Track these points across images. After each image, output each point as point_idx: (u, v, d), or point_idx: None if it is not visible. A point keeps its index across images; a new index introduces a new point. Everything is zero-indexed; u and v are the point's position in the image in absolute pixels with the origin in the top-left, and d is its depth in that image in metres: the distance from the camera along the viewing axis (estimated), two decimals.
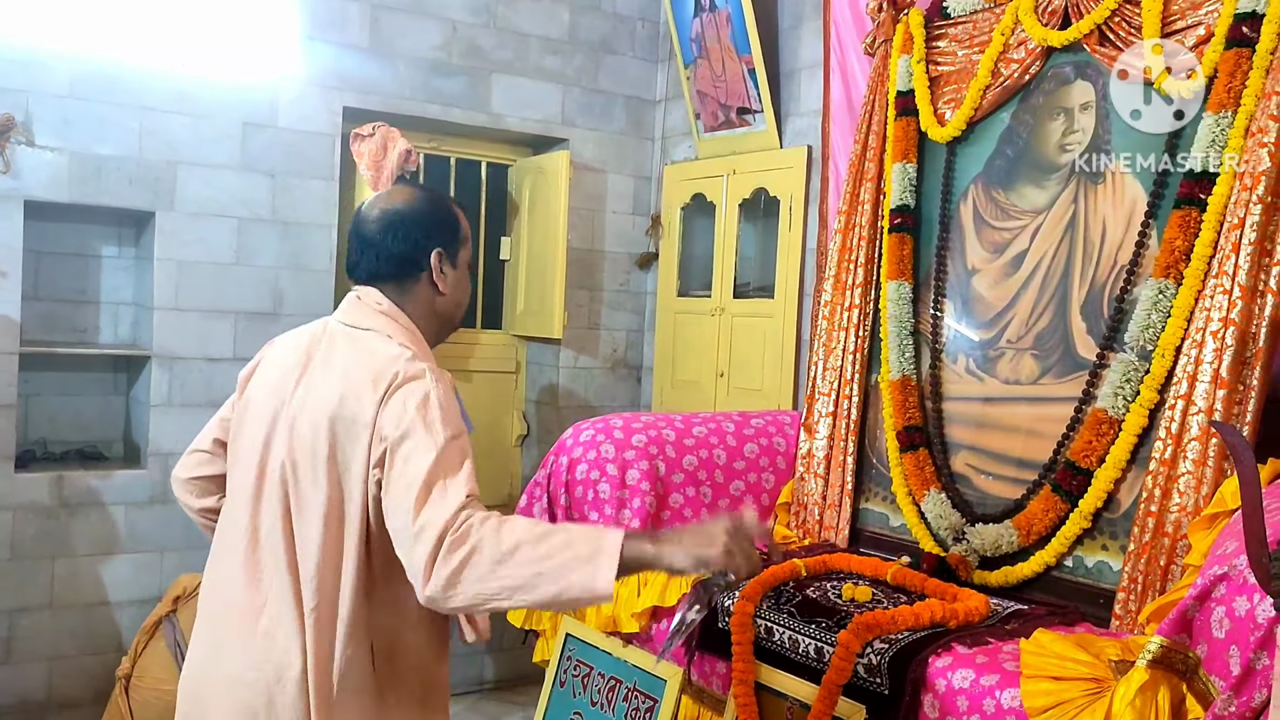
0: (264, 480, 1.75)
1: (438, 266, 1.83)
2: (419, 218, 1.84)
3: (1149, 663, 1.85)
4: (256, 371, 1.89)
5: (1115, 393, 2.59)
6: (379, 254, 1.82)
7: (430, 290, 1.84)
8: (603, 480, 3.18)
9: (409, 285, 1.83)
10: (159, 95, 3.72)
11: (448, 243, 1.85)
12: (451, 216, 1.88)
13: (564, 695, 3.14)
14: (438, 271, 1.83)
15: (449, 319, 1.90)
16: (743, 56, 4.09)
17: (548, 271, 4.51)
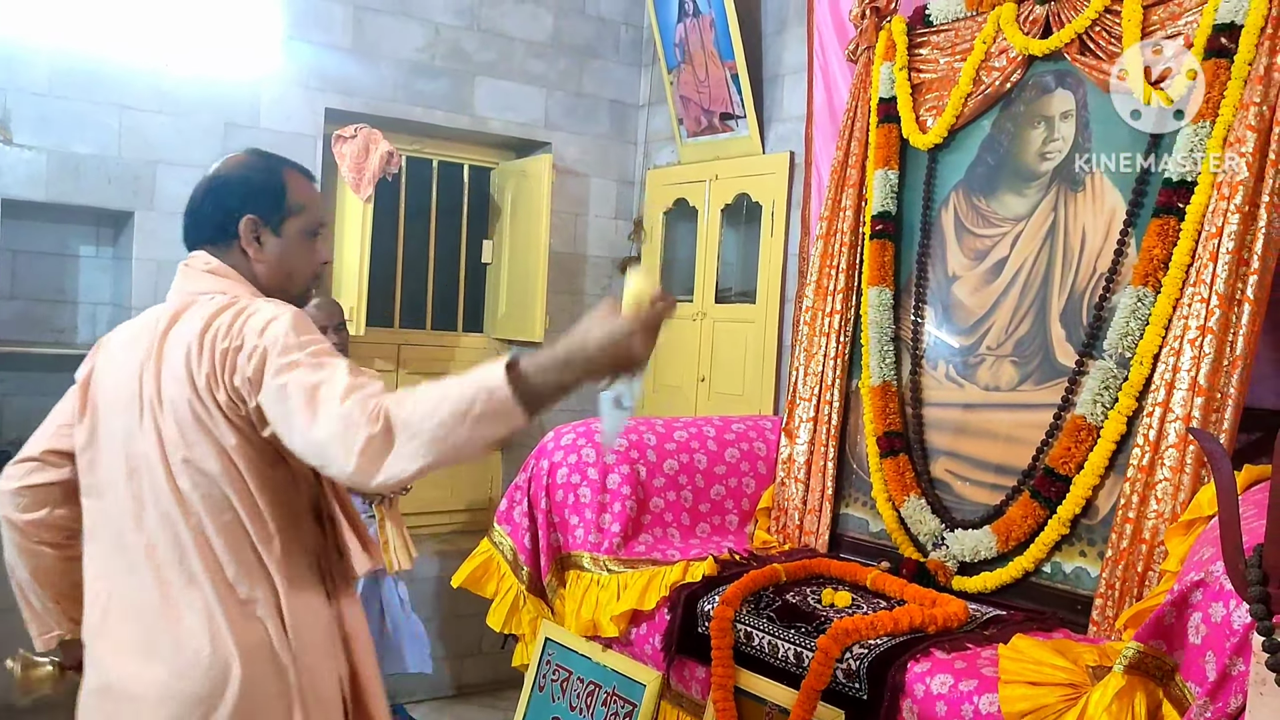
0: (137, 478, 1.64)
1: (248, 234, 1.74)
2: (234, 182, 1.78)
3: (1125, 668, 1.86)
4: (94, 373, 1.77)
5: (1094, 400, 2.60)
6: (194, 219, 1.77)
7: (244, 259, 1.75)
8: (583, 484, 3.17)
9: (225, 253, 1.75)
10: (139, 94, 3.69)
11: (266, 210, 1.76)
12: (274, 182, 1.79)
13: (543, 700, 3.13)
14: (248, 239, 1.74)
15: (281, 290, 1.78)
16: (726, 62, 4.10)
17: (529, 275, 4.51)
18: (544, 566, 3.20)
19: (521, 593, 3.22)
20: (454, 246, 4.72)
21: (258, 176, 1.79)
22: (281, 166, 1.83)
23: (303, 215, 1.80)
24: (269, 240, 1.77)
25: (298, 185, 1.82)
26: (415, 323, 4.64)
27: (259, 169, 1.81)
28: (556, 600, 3.20)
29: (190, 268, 1.75)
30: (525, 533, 3.22)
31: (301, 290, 1.84)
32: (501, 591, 3.26)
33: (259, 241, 1.76)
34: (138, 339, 1.69)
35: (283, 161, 1.85)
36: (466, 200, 4.72)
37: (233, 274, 1.74)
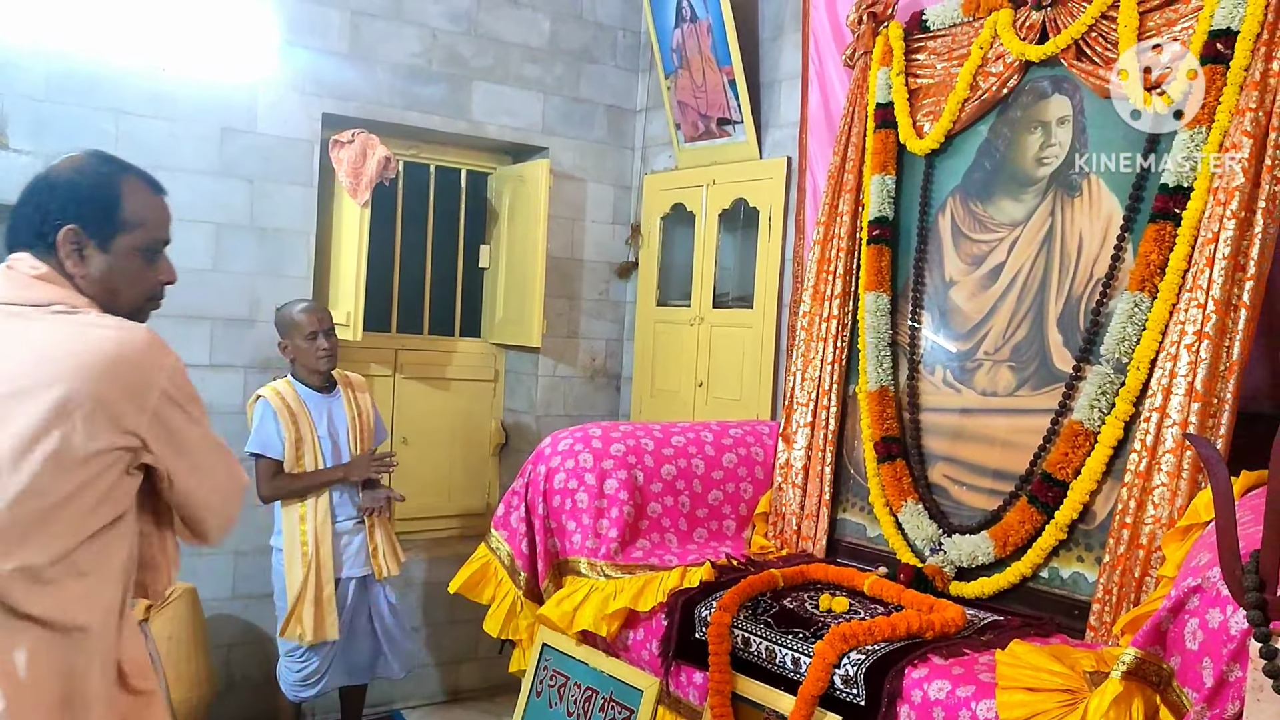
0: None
1: (66, 245, 1.57)
2: (61, 187, 1.60)
3: (1123, 674, 1.86)
4: None
5: (1091, 405, 2.60)
6: (13, 219, 1.61)
7: (61, 273, 1.59)
8: (581, 489, 3.17)
9: (44, 259, 1.59)
10: (136, 98, 3.69)
11: (92, 222, 1.59)
12: (109, 194, 1.62)
13: (540, 705, 3.12)
14: (67, 250, 1.58)
15: (105, 306, 1.61)
16: (723, 67, 4.10)
17: (527, 280, 4.51)
18: (541, 572, 3.20)
19: (518, 598, 3.21)
20: (451, 251, 4.72)
21: (88, 182, 1.62)
22: (120, 174, 1.66)
23: (138, 232, 1.64)
24: (93, 255, 1.60)
25: (137, 197, 1.65)
26: (412, 327, 4.64)
27: (92, 174, 1.64)
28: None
29: (14, 270, 1.58)
30: (523, 538, 3.22)
31: (129, 312, 1.65)
32: (499, 597, 3.25)
33: (80, 255, 1.59)
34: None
35: (124, 168, 1.68)
36: (464, 205, 4.72)
37: (65, 283, 1.58)
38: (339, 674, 3.53)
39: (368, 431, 3.59)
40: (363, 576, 3.52)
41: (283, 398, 3.41)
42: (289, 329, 3.46)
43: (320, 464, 3.43)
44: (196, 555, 3.83)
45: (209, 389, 3.83)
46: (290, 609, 3.36)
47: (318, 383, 3.49)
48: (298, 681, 3.46)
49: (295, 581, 3.36)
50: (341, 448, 3.49)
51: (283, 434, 3.37)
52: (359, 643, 3.56)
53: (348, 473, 3.45)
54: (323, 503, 3.41)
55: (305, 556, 3.37)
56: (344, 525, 3.47)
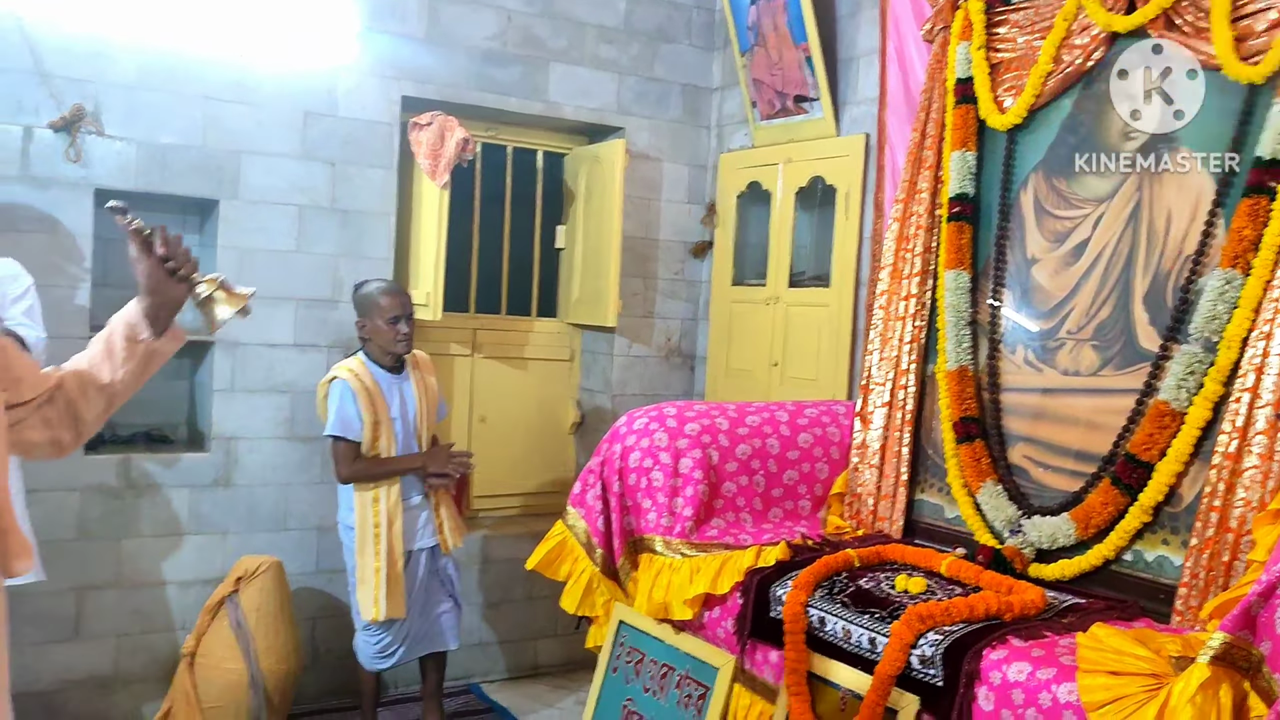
0: None
1: None
2: None
3: (1210, 659, 1.82)
4: None
5: (1179, 385, 2.54)
6: None
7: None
8: (656, 468, 3.19)
9: None
10: (221, 85, 3.78)
11: None
12: None
13: (616, 682, 3.16)
14: None
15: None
16: (799, 44, 4.06)
17: (602, 260, 4.53)
18: (617, 549, 3.23)
19: (595, 575, 3.25)
20: (528, 232, 4.76)
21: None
22: None
23: None
24: None
25: None
26: (490, 307, 4.70)
27: None
28: (629, 583, 3.22)
29: None
30: (599, 515, 3.25)
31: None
32: (575, 574, 3.29)
33: None
34: None
35: None
36: (540, 186, 4.76)
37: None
38: (417, 645, 3.60)
39: (432, 411, 3.66)
40: (433, 547, 3.59)
41: (360, 379, 3.46)
42: (369, 309, 3.51)
43: (393, 445, 3.49)
44: (283, 531, 3.95)
45: (292, 369, 3.93)
46: (362, 587, 3.44)
47: (390, 363, 3.55)
48: (375, 654, 3.55)
49: (367, 561, 3.43)
50: (410, 428, 3.56)
51: (362, 415, 3.43)
52: (434, 610, 3.63)
53: (426, 463, 3.50)
54: (395, 485, 3.47)
55: (377, 537, 3.43)
56: (415, 501, 3.54)
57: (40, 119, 3.51)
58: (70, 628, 3.67)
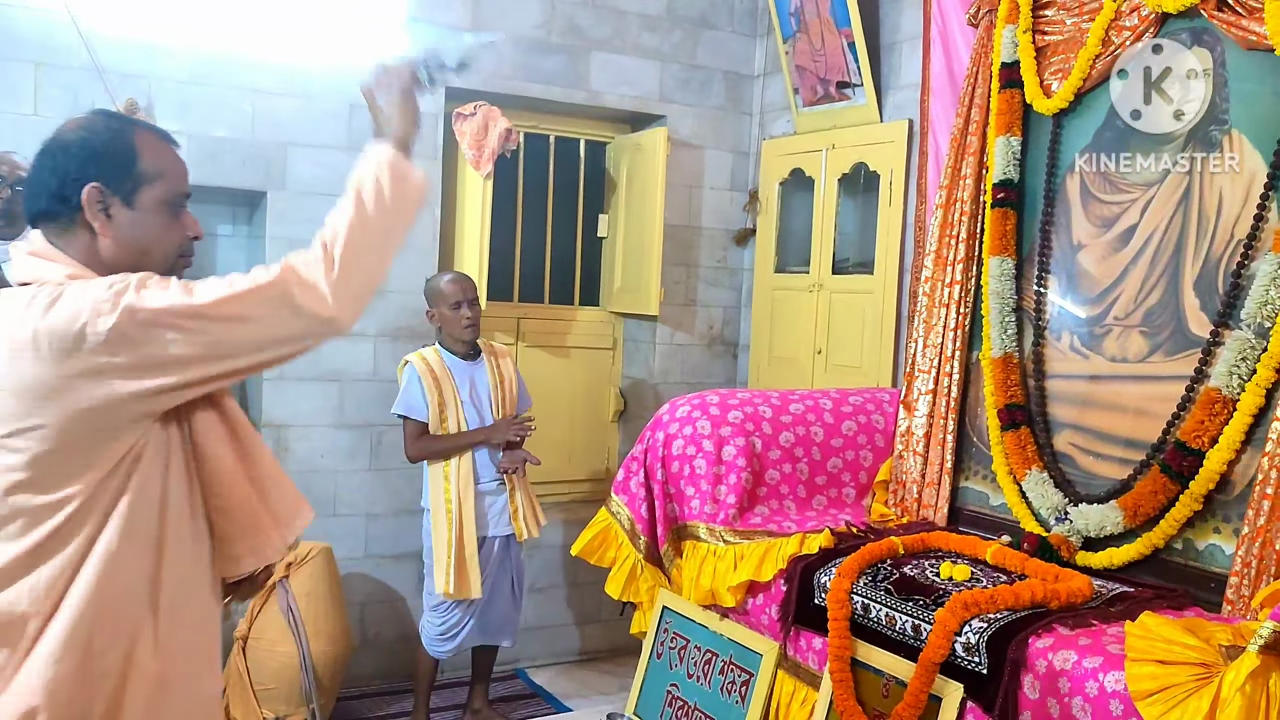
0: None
1: (91, 202, 1.51)
2: (73, 146, 1.54)
3: (1261, 648, 1.80)
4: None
5: (1230, 371, 2.50)
6: (31, 189, 1.56)
7: (88, 233, 1.54)
8: (699, 456, 3.20)
9: (66, 226, 1.54)
10: (270, 78, 3.84)
11: (112, 177, 1.53)
12: (122, 146, 1.56)
13: (661, 667, 3.18)
14: (92, 209, 1.52)
15: (134, 267, 1.53)
16: (842, 30, 4.04)
17: (645, 248, 4.54)
18: (661, 536, 3.25)
19: (639, 562, 3.27)
20: (571, 221, 4.78)
21: (101, 138, 1.56)
22: (131, 127, 1.62)
23: (159, 184, 1.59)
24: (119, 212, 1.55)
25: (153, 149, 1.60)
26: (534, 296, 4.73)
27: (103, 129, 1.58)
28: (673, 569, 3.24)
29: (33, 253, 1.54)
30: (642, 503, 3.27)
31: (163, 270, 1.58)
32: (619, 560, 3.32)
33: (106, 213, 1.54)
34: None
35: (133, 122, 1.65)
36: (583, 175, 4.77)
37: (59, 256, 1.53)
38: (475, 633, 3.65)
39: (510, 397, 3.70)
40: (506, 536, 3.64)
41: (428, 364, 3.56)
42: (435, 298, 3.61)
43: (463, 427, 3.56)
44: (332, 517, 4.01)
45: (340, 358, 3.99)
46: (436, 564, 3.51)
47: (462, 350, 3.63)
48: (438, 636, 3.60)
49: (441, 539, 3.50)
50: (485, 413, 3.62)
51: (427, 398, 3.52)
52: (499, 603, 3.68)
53: (489, 435, 3.57)
54: (465, 464, 3.54)
55: (450, 515, 3.50)
56: (487, 486, 3.60)
57: None
58: None
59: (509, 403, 3.69)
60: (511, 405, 3.70)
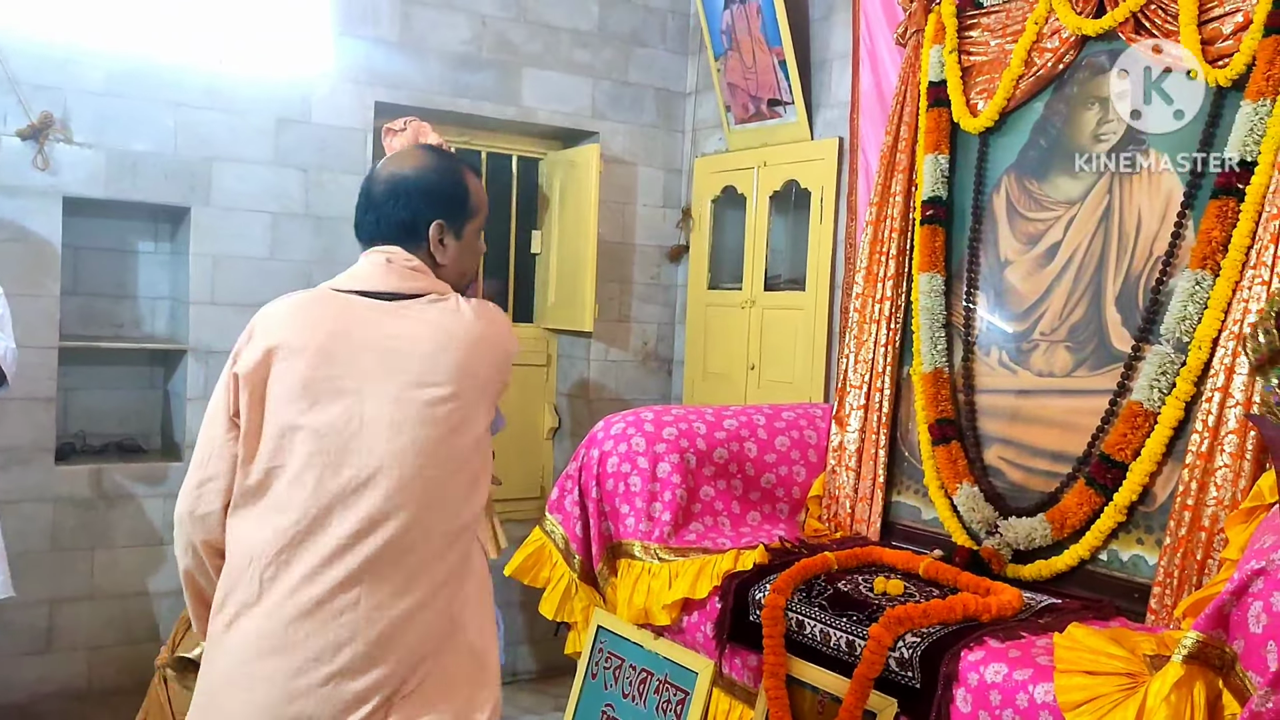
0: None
1: (436, 237, 1.82)
2: (422, 186, 1.83)
3: (1185, 658, 1.84)
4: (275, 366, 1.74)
5: (1151, 385, 2.56)
6: (380, 218, 1.83)
7: (429, 260, 1.83)
8: (634, 473, 3.19)
9: (413, 251, 1.83)
10: (193, 92, 3.75)
11: (451, 214, 1.84)
12: (460, 187, 1.86)
13: (596, 687, 3.15)
14: (436, 242, 1.82)
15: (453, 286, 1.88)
16: (773, 48, 4.07)
17: (579, 264, 4.52)
18: (595, 555, 3.23)
19: (573, 581, 3.24)
20: (503, 237, 4.75)
21: (441, 180, 1.85)
22: (457, 168, 1.89)
23: (478, 216, 1.89)
24: (450, 243, 1.84)
25: (475, 186, 1.89)
26: None
27: (441, 171, 1.86)
28: (608, 588, 3.22)
29: (394, 264, 1.80)
30: (576, 521, 3.24)
31: (465, 284, 1.93)
32: (554, 580, 3.28)
33: (443, 245, 1.83)
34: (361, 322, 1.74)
35: (461, 162, 1.93)
36: (515, 191, 4.75)
37: (430, 272, 1.82)
38: None
39: None
40: None
41: None
42: None
43: None
44: None
45: None
46: None
47: None
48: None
49: None
50: None
51: None
52: None
53: None
54: None
55: None
56: None
57: (8, 127, 3.48)
58: (43, 640, 3.63)
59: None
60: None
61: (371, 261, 1.82)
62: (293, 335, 1.74)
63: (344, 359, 1.71)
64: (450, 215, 1.83)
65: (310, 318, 1.76)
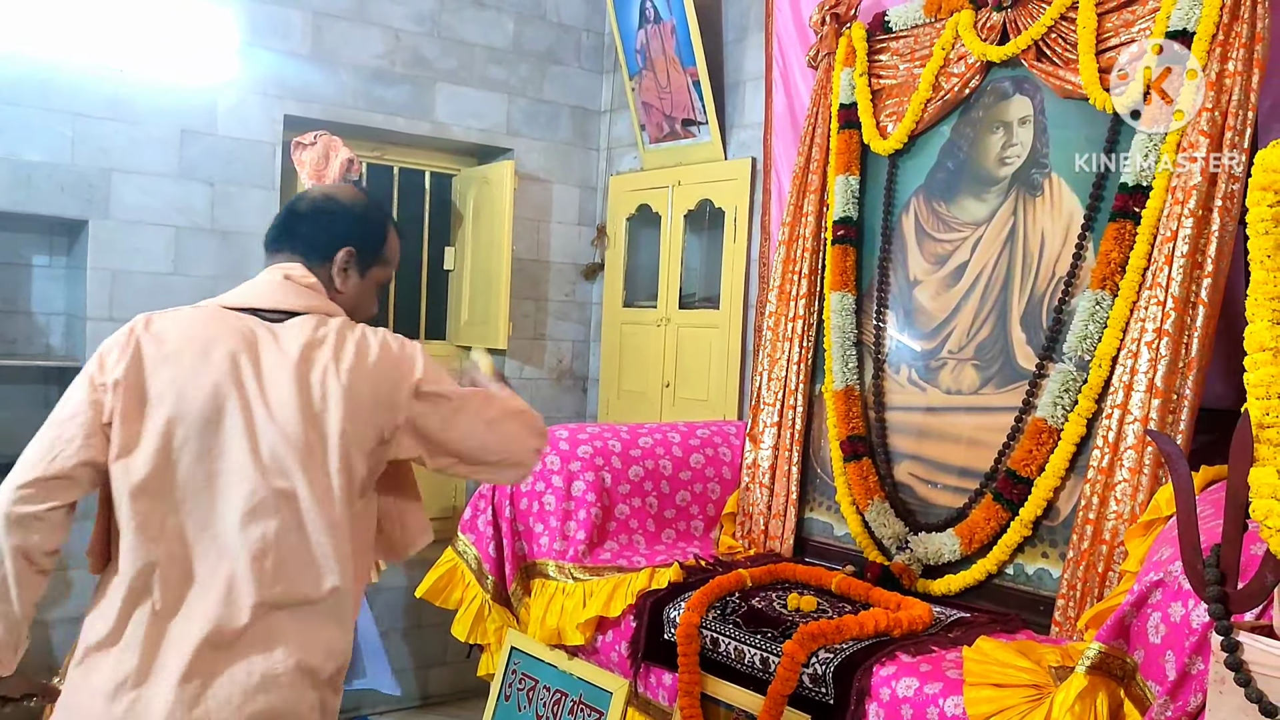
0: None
1: (343, 263, 1.84)
2: (346, 213, 1.86)
3: (1088, 669, 1.88)
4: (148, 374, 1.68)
5: (1054, 402, 2.62)
6: (296, 228, 1.85)
7: (328, 282, 1.84)
8: (548, 492, 3.16)
9: (315, 269, 1.83)
10: (92, 101, 3.63)
11: (364, 249, 1.86)
12: (381, 231, 1.90)
13: (509, 709, 3.11)
14: (341, 268, 1.84)
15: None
16: (687, 68, 4.10)
17: (492, 282, 4.49)
18: (509, 575, 3.19)
19: (486, 602, 3.19)
20: (415, 253, 4.69)
21: (371, 215, 1.90)
22: (389, 217, 1.96)
23: (386, 266, 1.92)
24: (353, 277, 1.86)
25: (393, 240, 1.93)
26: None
27: (370, 209, 1.91)
28: (521, 609, 3.18)
29: (290, 281, 1.79)
30: (489, 541, 3.20)
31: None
32: (466, 601, 3.23)
33: (345, 274, 1.85)
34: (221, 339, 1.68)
35: (389, 213, 1.99)
36: (428, 207, 4.69)
37: (323, 294, 1.81)
38: None
39: None
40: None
41: None
42: None
43: None
44: None
45: None
46: None
47: None
48: None
49: None
50: None
51: None
52: None
53: None
54: None
55: None
56: None
57: None
58: None
59: None
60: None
61: (268, 278, 1.81)
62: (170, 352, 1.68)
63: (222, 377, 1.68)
64: (362, 249, 1.85)
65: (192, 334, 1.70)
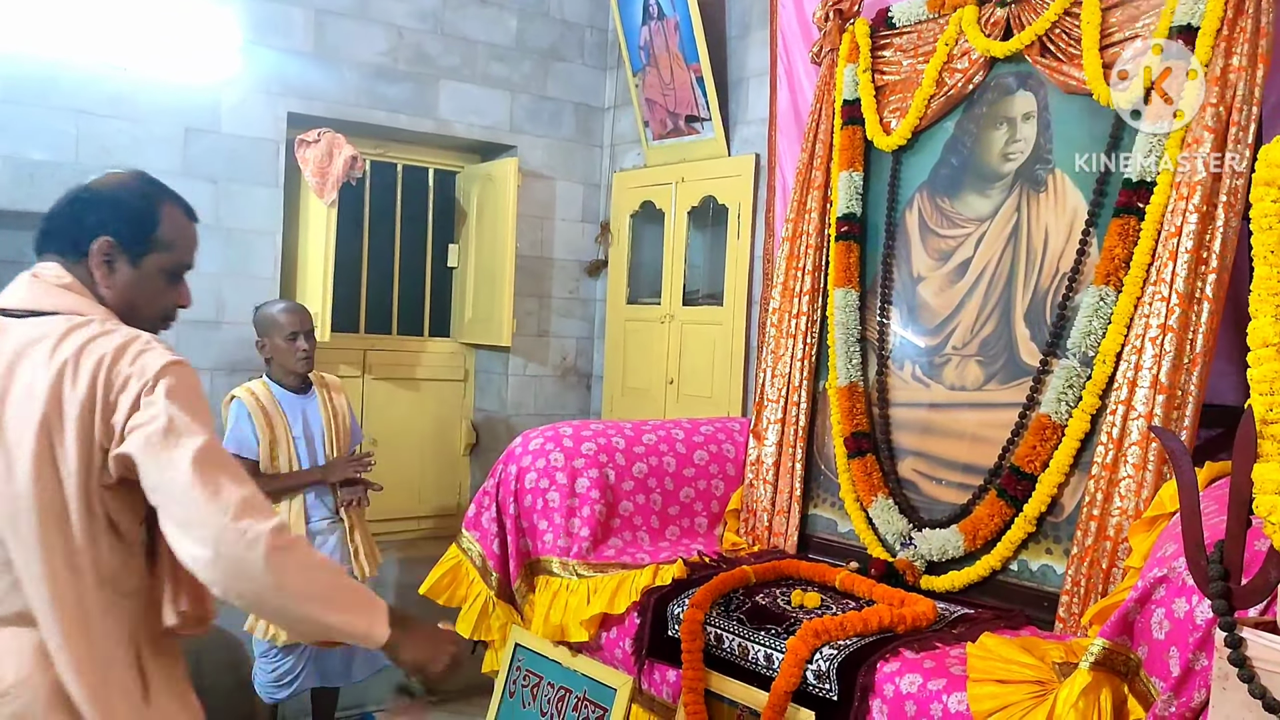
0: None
1: (101, 255, 1.64)
2: (102, 199, 1.68)
3: (1091, 665, 1.88)
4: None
5: (1058, 398, 2.62)
6: (47, 225, 1.68)
7: (89, 280, 1.66)
8: (552, 489, 3.16)
9: (72, 267, 1.65)
10: (97, 99, 3.64)
11: (129, 237, 1.66)
12: (150, 213, 1.69)
13: (513, 706, 3.11)
14: (100, 261, 1.65)
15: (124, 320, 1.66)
16: (691, 65, 4.10)
17: (496, 279, 4.49)
18: (513, 572, 3.19)
19: (490, 599, 3.20)
20: (419, 251, 4.70)
21: (131, 200, 1.69)
22: (162, 196, 1.73)
23: (167, 254, 1.71)
24: (122, 269, 1.67)
25: (174, 221, 1.72)
26: (381, 328, 4.61)
27: (135, 193, 1.71)
28: (526, 606, 3.18)
29: (40, 279, 1.63)
30: (494, 538, 3.21)
31: (146, 327, 1.69)
32: (470, 598, 3.24)
33: (109, 266, 1.66)
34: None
35: (165, 192, 1.75)
36: (432, 204, 4.70)
37: (86, 294, 1.64)
38: (312, 676, 3.50)
39: (344, 433, 3.56)
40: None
41: (257, 398, 3.38)
42: (268, 328, 3.43)
43: (295, 465, 3.40)
44: None
45: None
46: None
47: (293, 384, 3.47)
48: (271, 682, 3.44)
49: None
50: (317, 448, 3.47)
51: (258, 434, 3.34)
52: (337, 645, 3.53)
53: (326, 474, 3.42)
54: (296, 503, 3.38)
55: None
56: (318, 525, 3.44)
57: None
58: None
59: (342, 437, 3.55)
60: (345, 441, 3.56)
61: (19, 278, 1.65)
62: None
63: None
64: (127, 238, 1.66)
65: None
